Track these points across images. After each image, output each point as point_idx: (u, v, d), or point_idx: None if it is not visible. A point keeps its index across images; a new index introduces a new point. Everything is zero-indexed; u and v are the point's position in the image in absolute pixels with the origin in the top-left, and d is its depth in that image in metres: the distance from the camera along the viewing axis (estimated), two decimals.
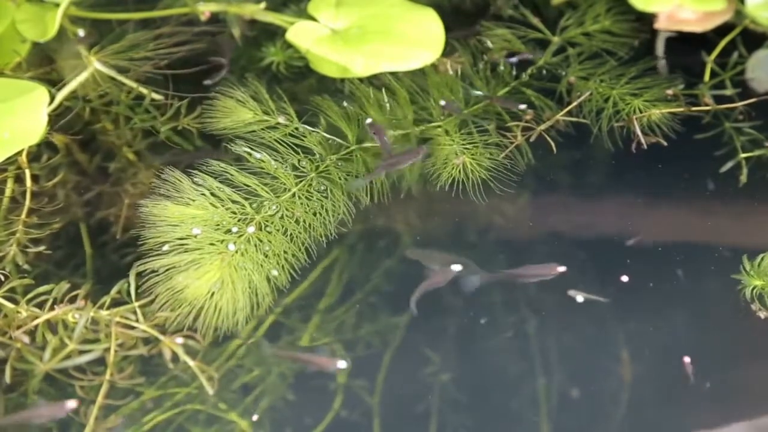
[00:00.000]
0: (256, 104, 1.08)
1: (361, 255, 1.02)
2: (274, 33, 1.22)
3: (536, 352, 0.94)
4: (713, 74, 1.17)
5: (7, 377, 0.89)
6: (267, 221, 0.97)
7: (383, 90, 1.11)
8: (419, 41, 1.15)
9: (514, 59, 1.18)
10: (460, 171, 1.03)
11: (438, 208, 1.05)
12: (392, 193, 1.04)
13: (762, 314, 0.94)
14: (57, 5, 1.15)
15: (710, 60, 1.19)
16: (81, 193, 1.07)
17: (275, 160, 1.02)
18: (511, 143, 1.08)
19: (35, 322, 0.90)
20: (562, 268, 0.97)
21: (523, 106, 1.11)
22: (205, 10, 1.23)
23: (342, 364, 0.91)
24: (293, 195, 1.00)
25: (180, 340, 0.90)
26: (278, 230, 0.97)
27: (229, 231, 0.95)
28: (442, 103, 1.11)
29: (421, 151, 1.04)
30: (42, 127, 1.04)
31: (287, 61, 1.19)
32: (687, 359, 0.91)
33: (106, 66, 1.14)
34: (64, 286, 0.93)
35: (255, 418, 0.91)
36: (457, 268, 0.98)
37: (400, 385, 0.92)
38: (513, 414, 0.90)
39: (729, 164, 1.08)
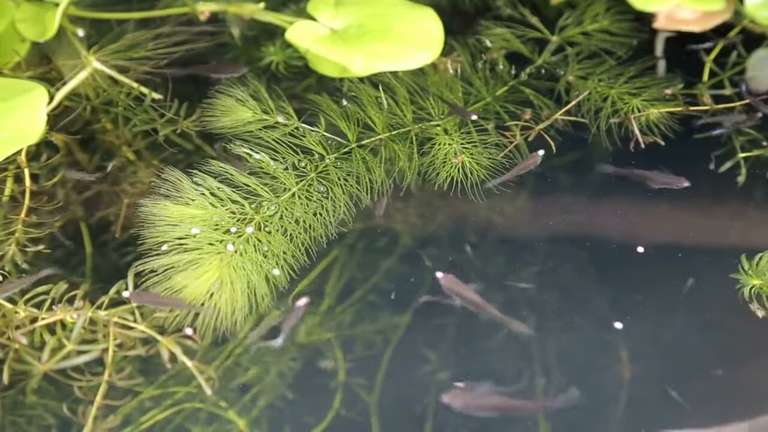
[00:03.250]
0: (256, 103, 1.08)
1: (361, 254, 1.02)
2: (274, 33, 1.22)
3: (536, 352, 0.94)
4: (712, 74, 1.17)
5: (5, 378, 0.89)
6: (266, 221, 0.97)
7: (380, 87, 1.11)
8: (418, 41, 1.15)
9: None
10: (459, 170, 1.04)
11: (437, 207, 1.05)
12: (392, 192, 1.04)
13: (760, 313, 0.94)
14: (56, 5, 1.15)
15: (709, 60, 1.19)
16: (80, 192, 1.07)
17: (274, 160, 1.02)
18: (510, 142, 1.08)
19: (36, 324, 0.90)
20: (686, 183, 1.04)
21: (474, 117, 1.09)
22: (204, 10, 1.23)
23: None
24: (293, 195, 1.00)
25: (189, 330, 0.90)
26: (277, 230, 0.97)
27: (228, 231, 0.95)
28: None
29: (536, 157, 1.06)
30: (41, 126, 1.04)
31: (286, 60, 1.19)
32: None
33: (105, 65, 1.14)
34: (63, 286, 0.93)
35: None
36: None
37: (400, 384, 0.92)
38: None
39: (728, 164, 1.08)
